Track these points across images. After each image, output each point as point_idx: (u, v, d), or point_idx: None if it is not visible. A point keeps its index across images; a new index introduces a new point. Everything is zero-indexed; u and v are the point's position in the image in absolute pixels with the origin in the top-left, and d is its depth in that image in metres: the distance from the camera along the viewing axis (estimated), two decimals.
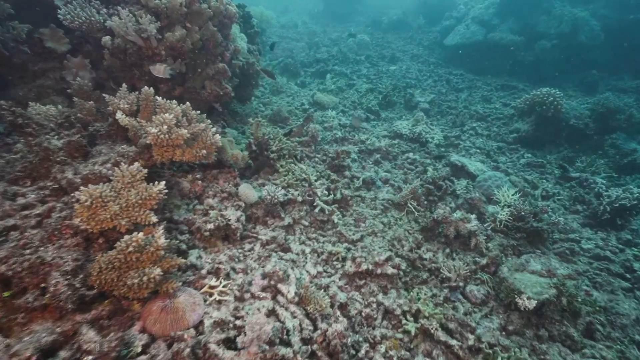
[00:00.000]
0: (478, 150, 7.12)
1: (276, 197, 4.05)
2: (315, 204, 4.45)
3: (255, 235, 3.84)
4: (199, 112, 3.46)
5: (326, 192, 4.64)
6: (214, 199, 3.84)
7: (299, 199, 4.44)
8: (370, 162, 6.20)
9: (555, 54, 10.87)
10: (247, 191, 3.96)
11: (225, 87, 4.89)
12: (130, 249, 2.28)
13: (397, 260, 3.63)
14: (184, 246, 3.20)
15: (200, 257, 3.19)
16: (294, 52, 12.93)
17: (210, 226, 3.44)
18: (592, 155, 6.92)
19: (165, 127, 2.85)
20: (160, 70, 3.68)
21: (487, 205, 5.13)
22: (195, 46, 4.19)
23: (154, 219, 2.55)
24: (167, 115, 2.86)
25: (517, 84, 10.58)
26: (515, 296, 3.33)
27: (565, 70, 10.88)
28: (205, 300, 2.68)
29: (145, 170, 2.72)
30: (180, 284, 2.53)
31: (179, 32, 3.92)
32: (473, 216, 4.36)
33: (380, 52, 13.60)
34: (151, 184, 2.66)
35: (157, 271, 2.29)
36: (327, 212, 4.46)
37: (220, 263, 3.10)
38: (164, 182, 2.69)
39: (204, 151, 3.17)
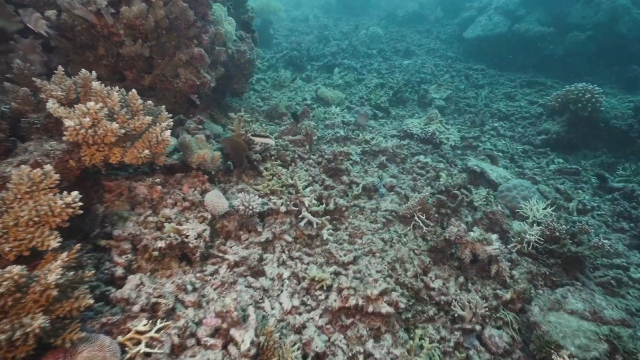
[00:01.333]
0: (500, 154, 6.21)
1: (251, 207, 3.34)
2: (301, 216, 3.72)
3: (221, 254, 3.13)
4: (150, 102, 2.77)
5: (315, 202, 3.89)
6: (173, 208, 3.15)
7: (282, 209, 3.71)
8: (374, 165, 5.42)
9: (590, 47, 9.75)
10: (215, 200, 3.27)
11: (204, 77, 4.21)
12: (3, 289, 1.60)
13: (394, 295, 2.84)
14: (120, 271, 2.53)
15: (141, 285, 2.51)
16: (302, 45, 12.20)
17: (160, 244, 2.76)
18: (638, 162, 5.92)
19: (87, 119, 2.17)
20: (32, 20, 2.98)
21: (511, 221, 4.27)
22: (161, 25, 3.52)
23: (54, 243, 1.88)
24: (91, 104, 2.19)
25: (545, 80, 9.53)
26: (552, 351, 2.51)
27: (601, 65, 9.75)
28: (124, 353, 1.99)
29: (57, 176, 2.05)
30: (84, 334, 1.85)
31: (137, 7, 3.25)
32: (494, 236, 3.53)
33: (394, 46, 12.72)
34: (59, 194, 1.99)
35: (39, 322, 1.61)
36: (315, 226, 3.72)
37: (160, 296, 2.40)
38: (76, 193, 2.01)
39: (147, 151, 2.49)
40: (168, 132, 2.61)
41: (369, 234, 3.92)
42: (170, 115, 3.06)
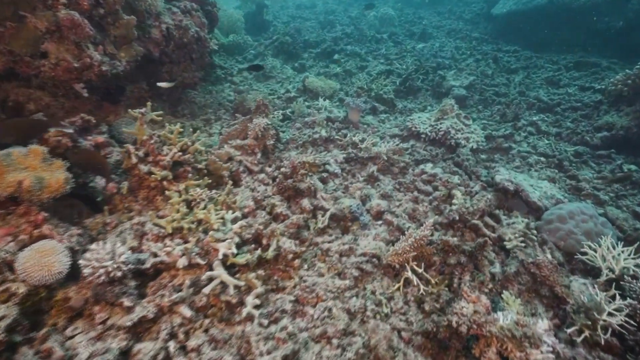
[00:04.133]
0: (543, 159, 4.47)
1: (105, 269, 1.94)
2: (206, 275, 2.28)
3: None
4: None
5: (235, 251, 2.43)
6: None
7: (182, 262, 2.30)
8: (360, 178, 3.87)
9: None
10: (33, 260, 1.88)
11: (88, 56, 2.85)
12: None
13: None
14: None
15: None
16: (302, 32, 10.72)
17: None
18: None
19: None
20: None
21: (567, 276, 2.61)
22: None
23: None
24: None
25: (599, 60, 7.50)
26: None
27: None
28: None
29: None
30: None
31: None
32: (543, 325, 1.92)
33: (409, 29, 10.95)
34: None
35: None
36: (233, 291, 2.27)
37: None
38: None
39: None
40: None
41: (328, 300, 2.42)
42: None
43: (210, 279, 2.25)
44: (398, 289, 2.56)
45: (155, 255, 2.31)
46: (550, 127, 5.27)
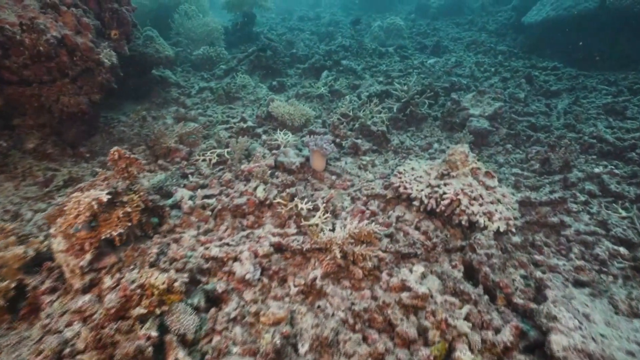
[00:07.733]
0: (623, 252, 2.59)
1: None
2: None
3: None
4: None
5: None
6: None
7: None
8: (293, 288, 2.16)
9: None
10: None
11: None
12: None
13: None
14: None
15: None
16: (295, 45, 9.25)
17: None
18: None
19: None
20: None
21: None
22: None
23: None
24: None
25: None
26: None
27: None
28: None
29: None
30: None
31: None
32: None
33: (420, 42, 9.28)
34: None
35: None
36: None
37: None
38: None
39: None
40: None
41: None
42: None
43: None
44: None
45: None
46: (624, 186, 3.38)
